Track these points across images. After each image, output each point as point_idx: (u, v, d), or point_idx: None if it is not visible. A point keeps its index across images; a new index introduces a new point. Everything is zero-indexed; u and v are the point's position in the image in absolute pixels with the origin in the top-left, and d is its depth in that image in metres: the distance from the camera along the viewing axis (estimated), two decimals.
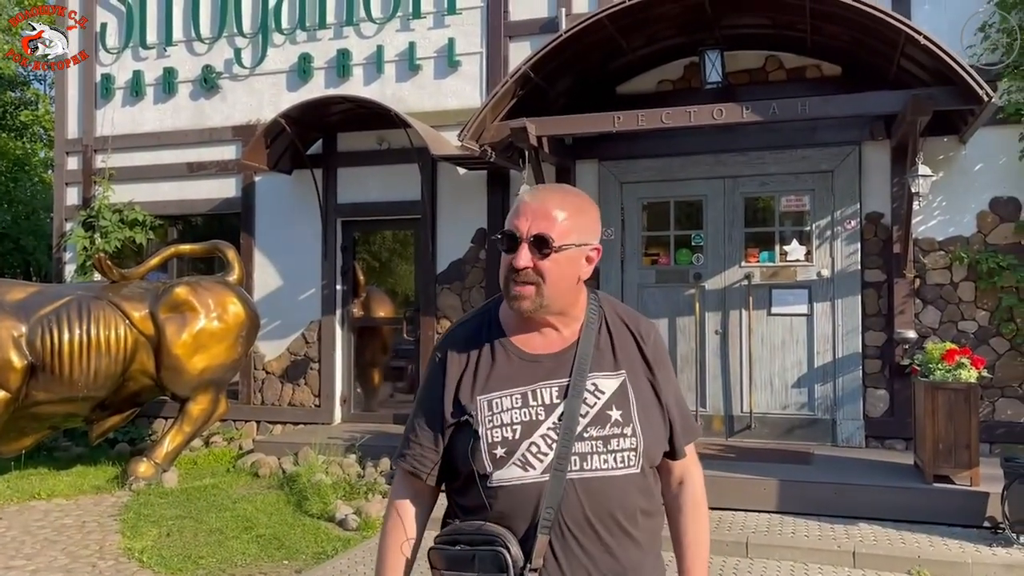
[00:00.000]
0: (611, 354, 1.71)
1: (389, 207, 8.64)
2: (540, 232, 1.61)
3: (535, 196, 1.68)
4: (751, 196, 7.68)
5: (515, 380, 1.67)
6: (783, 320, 7.47)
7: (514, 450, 1.62)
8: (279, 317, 8.87)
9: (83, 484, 7.26)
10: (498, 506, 1.62)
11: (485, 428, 1.64)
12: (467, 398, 1.68)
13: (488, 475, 1.62)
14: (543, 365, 1.68)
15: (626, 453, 1.64)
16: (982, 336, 6.89)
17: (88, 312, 6.88)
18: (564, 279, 1.65)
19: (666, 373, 1.76)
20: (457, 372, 1.71)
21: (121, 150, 9.48)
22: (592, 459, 1.62)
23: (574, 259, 1.66)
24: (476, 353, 1.72)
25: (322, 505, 6.36)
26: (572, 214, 1.65)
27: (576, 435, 1.62)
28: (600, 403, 1.66)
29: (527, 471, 1.61)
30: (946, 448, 5.67)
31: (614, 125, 6.82)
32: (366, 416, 8.79)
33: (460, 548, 1.60)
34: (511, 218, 1.67)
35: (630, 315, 1.79)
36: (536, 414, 1.64)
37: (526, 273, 1.62)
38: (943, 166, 6.93)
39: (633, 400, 1.68)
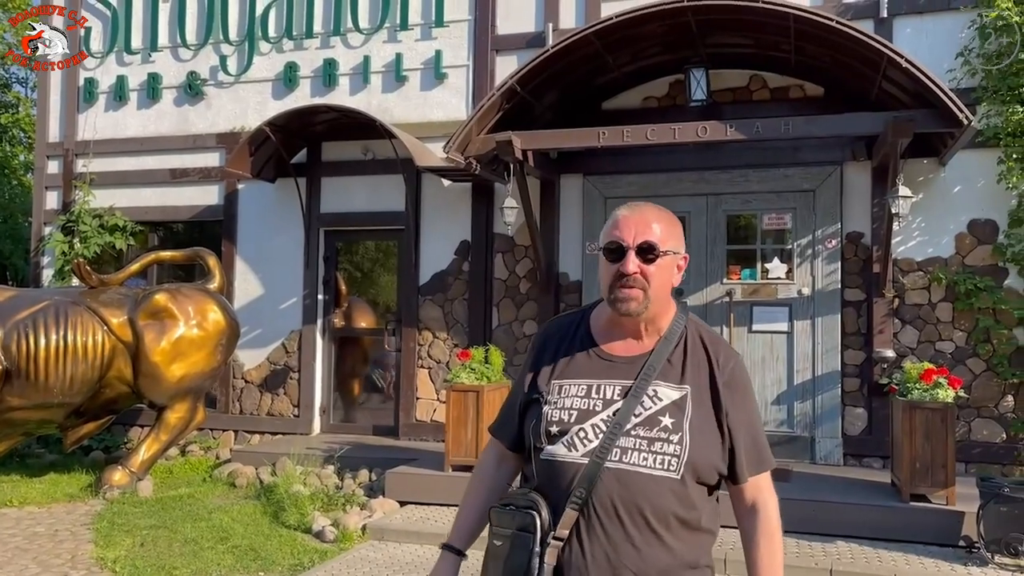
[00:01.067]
0: (680, 369, 1.83)
1: (373, 217, 8.63)
2: (646, 240, 1.80)
3: (633, 210, 1.86)
4: (734, 214, 7.73)
5: (587, 374, 1.85)
6: (764, 337, 7.51)
7: (566, 431, 1.79)
8: (259, 326, 8.82)
9: (56, 492, 7.15)
10: (542, 477, 1.82)
11: (550, 407, 1.83)
12: (544, 381, 1.89)
13: (541, 448, 1.82)
14: (616, 366, 1.85)
15: (667, 457, 1.75)
16: (959, 356, 6.96)
17: (65, 317, 6.80)
18: (664, 284, 1.83)
19: (740, 402, 1.84)
20: (543, 359, 1.93)
21: (103, 155, 9.41)
22: (632, 454, 1.75)
23: (670, 266, 1.84)
24: (563, 346, 1.92)
25: (299, 516, 6.30)
26: (666, 226, 1.85)
27: (624, 431, 1.76)
28: (655, 408, 1.78)
29: (570, 451, 1.78)
30: (923, 467, 5.71)
31: (599, 140, 6.86)
32: (345, 427, 8.74)
33: (508, 508, 1.81)
34: (611, 231, 1.84)
35: (713, 339, 1.90)
36: (594, 405, 1.80)
37: (634, 278, 1.79)
38: (923, 187, 7.02)
39: (689, 414, 1.79)
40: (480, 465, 2.07)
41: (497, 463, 2.04)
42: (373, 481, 7.13)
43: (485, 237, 8.25)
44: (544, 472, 1.81)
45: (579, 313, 2.00)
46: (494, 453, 2.05)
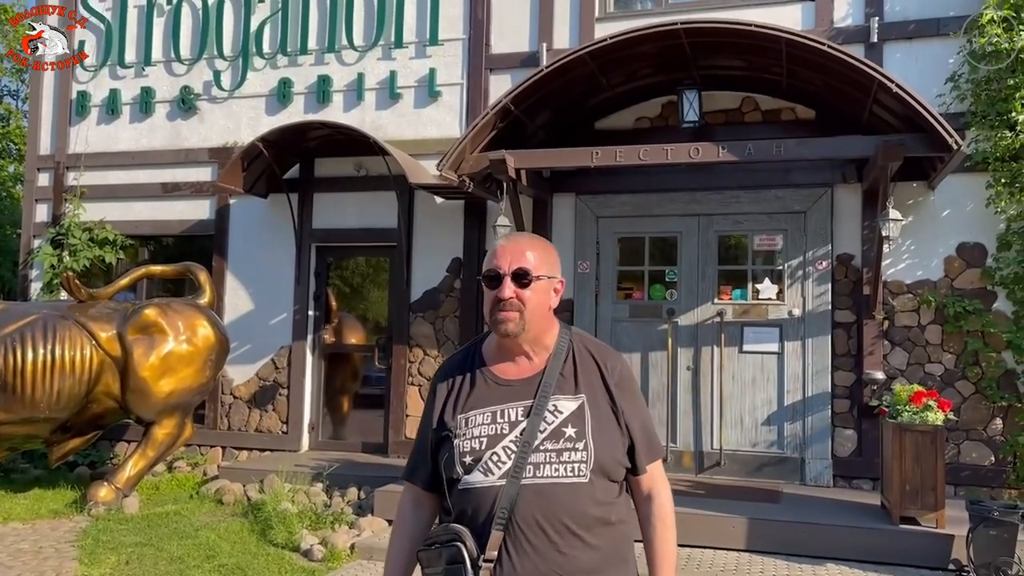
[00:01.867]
0: (574, 381, 1.98)
1: (365, 234, 8.62)
2: (520, 266, 1.95)
3: (510, 240, 2.04)
4: (725, 234, 7.77)
5: (489, 401, 1.97)
6: (754, 358, 7.53)
7: (479, 458, 1.91)
8: (249, 341, 8.77)
9: (41, 508, 7.07)
10: (464, 507, 1.91)
11: (460, 439, 1.94)
12: (450, 416, 1.99)
13: (458, 479, 1.92)
14: (513, 388, 1.98)
15: (576, 464, 1.89)
16: (948, 379, 6.99)
17: (54, 331, 6.75)
18: (540, 305, 1.98)
19: (630, 399, 2.01)
20: (444, 396, 2.04)
21: (94, 168, 9.38)
22: (545, 468, 1.88)
23: (546, 289, 2.00)
24: (460, 380, 2.04)
25: (287, 535, 6.24)
26: (540, 253, 2.02)
27: (533, 448, 1.89)
28: (557, 421, 1.92)
29: (487, 476, 1.89)
30: (913, 490, 5.72)
31: (592, 160, 6.88)
32: (334, 444, 8.68)
33: (434, 547, 1.88)
34: (490, 260, 2.00)
35: (598, 347, 2.07)
36: (501, 429, 1.93)
37: (510, 302, 1.94)
38: (912, 211, 7.07)
39: (589, 420, 1.93)
40: (399, 514, 2.13)
41: (414, 507, 2.11)
42: (362, 499, 7.08)
43: (477, 254, 8.25)
44: (464, 501, 1.90)
45: (470, 347, 2.12)
46: (410, 498, 2.12)
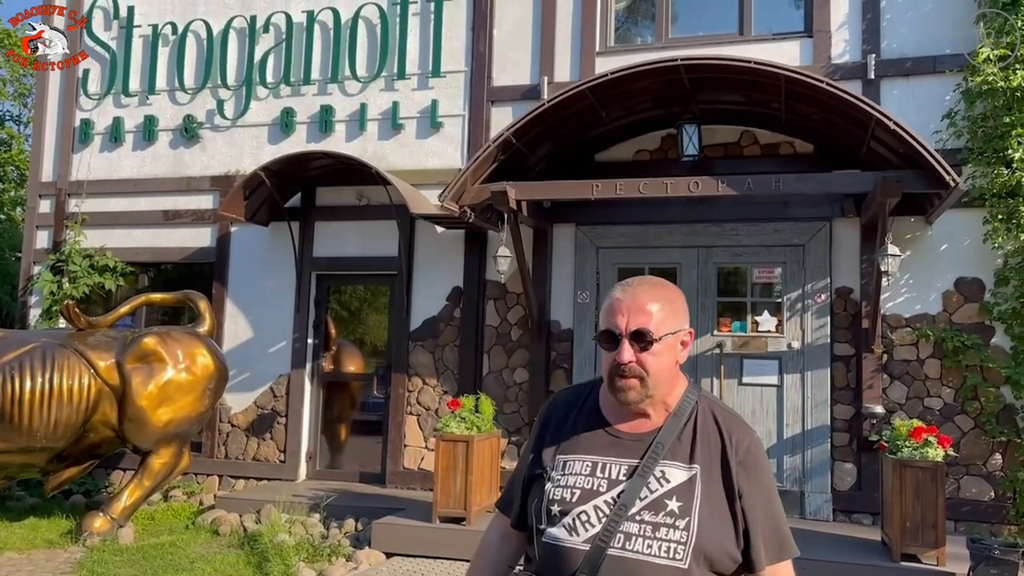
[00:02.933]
0: (690, 448, 1.74)
1: (365, 262, 8.64)
2: (639, 327, 1.72)
3: (627, 292, 1.78)
4: (724, 266, 7.80)
5: (592, 450, 1.78)
6: (753, 390, 7.52)
7: (567, 511, 1.72)
8: (248, 369, 8.76)
9: (36, 538, 7.01)
10: (544, 561, 1.75)
11: (552, 485, 1.77)
12: (549, 456, 1.83)
13: (542, 529, 1.75)
14: (622, 443, 1.78)
15: (673, 545, 1.66)
16: (947, 413, 6.99)
17: (52, 360, 6.74)
18: (665, 369, 1.76)
19: (756, 482, 1.74)
20: (547, 431, 1.87)
21: (96, 195, 9.42)
22: (636, 541, 1.67)
23: (671, 346, 1.77)
24: (569, 418, 1.86)
25: (283, 567, 6.19)
26: (663, 304, 1.76)
27: (628, 515, 1.67)
28: (662, 491, 1.70)
29: (571, 536, 1.70)
30: (913, 527, 5.70)
31: (592, 193, 6.93)
32: (332, 473, 8.64)
33: None
34: (606, 317, 1.77)
35: (725, 417, 1.81)
36: (598, 485, 1.73)
37: (630, 367, 1.72)
38: (910, 245, 7.11)
39: (699, 496, 1.69)
40: (484, 542, 2.02)
41: (500, 540, 1.99)
42: (359, 531, 7.04)
43: (477, 284, 8.27)
44: (545, 556, 1.74)
45: (588, 385, 1.93)
46: (498, 530, 2.00)
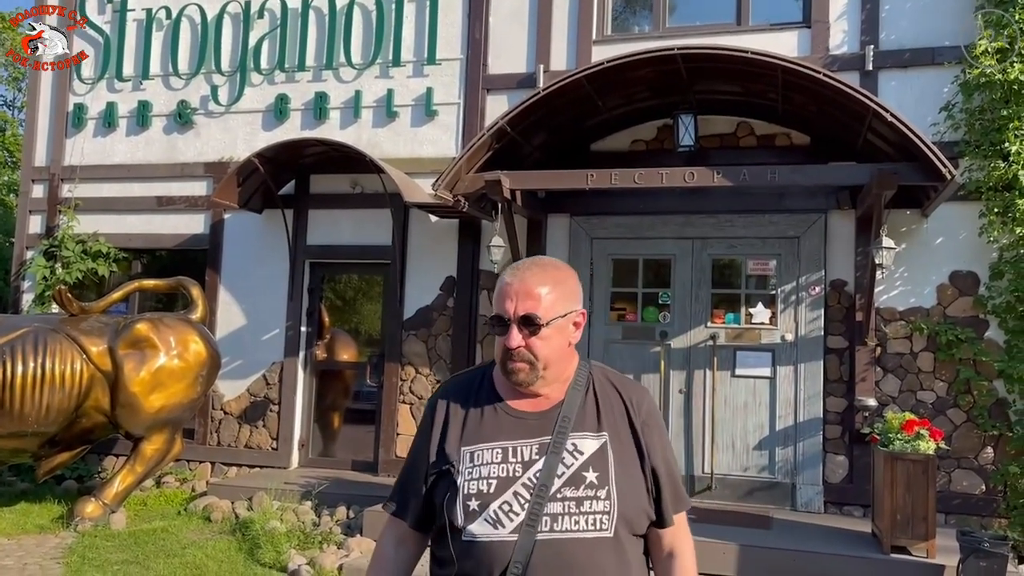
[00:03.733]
0: (595, 416, 1.75)
1: (359, 251, 8.61)
2: (527, 312, 1.71)
3: (515, 276, 1.76)
4: (719, 258, 7.78)
5: (499, 435, 1.74)
6: (746, 382, 7.52)
7: (487, 504, 1.67)
8: (241, 357, 8.74)
9: (26, 523, 7.00)
10: (466, 561, 1.67)
11: (464, 479, 1.70)
12: (452, 449, 1.75)
13: (460, 528, 1.68)
14: (527, 423, 1.75)
15: (598, 516, 1.67)
16: (940, 406, 7.00)
17: (44, 345, 6.72)
18: (555, 350, 1.74)
19: (658, 439, 1.80)
20: (446, 422, 1.79)
21: (89, 180, 9.36)
22: (563, 520, 1.66)
23: (562, 329, 1.75)
24: (467, 406, 1.79)
25: (275, 554, 6.19)
26: (552, 287, 1.74)
27: (550, 495, 1.66)
28: (577, 464, 1.70)
29: (497, 529, 1.66)
30: (904, 519, 5.70)
31: (587, 183, 6.90)
32: (324, 461, 8.64)
33: None
34: (497, 301, 1.76)
35: (621, 381, 1.85)
36: (514, 470, 1.69)
37: (519, 352, 1.71)
38: (906, 238, 7.10)
39: (612, 463, 1.71)
40: (377, 555, 1.87)
41: (396, 546, 1.86)
42: (351, 519, 7.03)
43: (471, 273, 8.25)
44: (469, 554, 1.67)
45: (479, 371, 1.88)
46: (392, 535, 1.87)
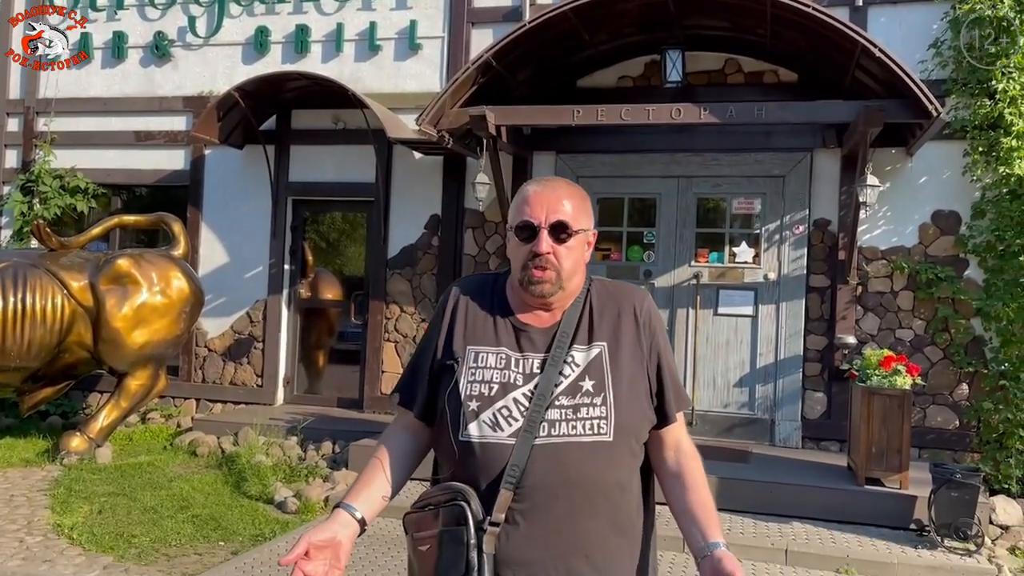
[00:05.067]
0: (594, 328, 1.79)
1: (342, 188, 8.53)
2: (559, 219, 1.74)
3: (543, 186, 1.81)
4: (704, 197, 7.77)
5: (503, 343, 1.78)
6: (729, 320, 7.59)
7: (486, 407, 1.71)
8: (224, 294, 8.70)
9: (12, 456, 7.03)
10: (465, 461, 1.70)
11: (466, 379, 1.74)
12: (458, 345, 1.79)
13: (459, 427, 1.71)
14: (530, 336, 1.79)
15: (595, 421, 1.71)
16: (917, 344, 7.10)
17: (24, 280, 6.65)
18: (576, 263, 1.79)
19: (660, 341, 1.83)
20: (452, 319, 1.83)
21: (65, 114, 9.16)
22: (560, 426, 1.70)
23: (582, 243, 1.80)
24: (476, 308, 1.83)
25: (261, 487, 6.27)
26: (578, 202, 1.80)
27: (548, 403, 1.70)
28: (575, 374, 1.74)
29: (495, 432, 1.70)
30: (879, 452, 5.83)
31: (573, 119, 6.83)
32: (309, 398, 8.69)
33: (427, 509, 1.70)
34: (522, 208, 1.77)
35: (619, 288, 1.89)
36: (514, 378, 1.74)
37: (546, 258, 1.74)
38: (890, 177, 7.11)
39: (608, 372, 1.75)
40: (385, 435, 1.90)
41: (402, 431, 1.88)
42: (336, 453, 7.11)
43: (456, 212, 8.20)
44: (467, 456, 1.70)
45: (491, 277, 1.91)
46: (400, 423, 1.90)
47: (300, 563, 1.62)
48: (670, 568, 4.97)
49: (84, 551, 4.95)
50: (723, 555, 1.69)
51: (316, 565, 1.64)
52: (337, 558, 1.67)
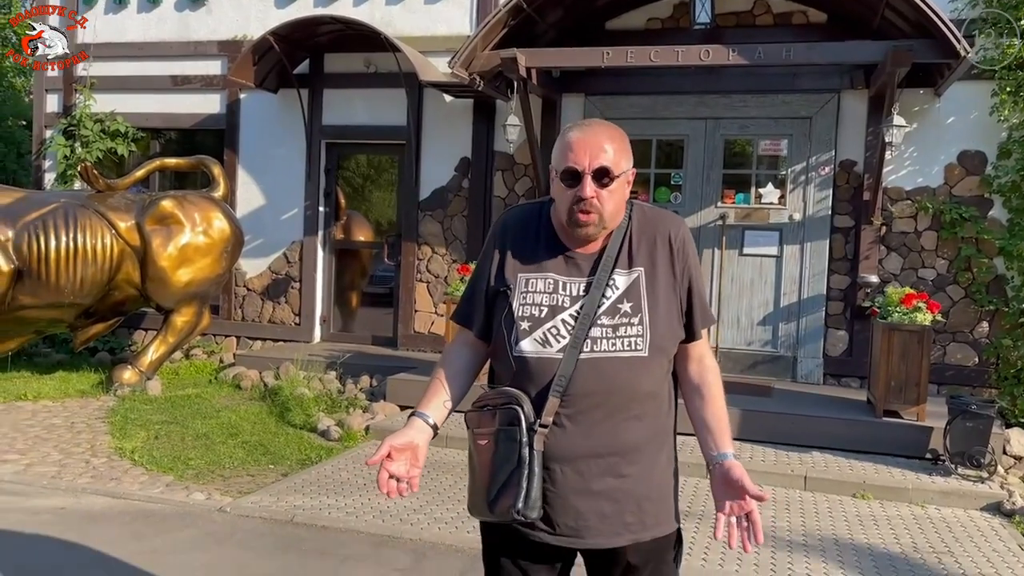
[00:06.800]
0: (633, 253, 1.96)
1: (374, 131, 8.70)
2: (601, 164, 1.86)
3: (585, 131, 1.91)
4: (731, 138, 7.86)
5: (551, 269, 1.95)
6: (753, 261, 7.75)
7: (536, 327, 1.91)
8: (261, 235, 8.97)
9: (68, 388, 7.43)
10: (519, 373, 1.92)
11: (518, 302, 1.93)
12: (511, 273, 1.97)
13: (513, 344, 1.92)
14: (576, 262, 1.96)
15: (632, 339, 1.90)
16: (939, 283, 7.24)
17: (75, 220, 6.94)
18: (617, 204, 1.93)
19: (692, 264, 1.99)
20: (506, 249, 2.00)
21: (103, 59, 9.35)
22: (601, 343, 1.90)
23: (623, 184, 1.93)
24: (525, 237, 2.00)
25: (304, 417, 6.60)
26: (618, 144, 1.91)
27: (591, 323, 1.89)
28: (614, 297, 1.93)
29: (545, 348, 1.90)
30: (897, 385, 6.03)
31: (603, 61, 6.92)
32: (345, 336, 9.00)
33: (485, 409, 1.92)
34: (566, 154, 1.88)
35: (659, 215, 2.04)
36: (561, 301, 1.92)
37: (590, 202, 1.87)
38: (917, 117, 7.16)
39: (645, 295, 1.93)
40: (448, 351, 2.12)
41: (462, 346, 2.10)
42: (374, 387, 7.43)
43: (485, 154, 8.36)
44: (520, 369, 1.91)
45: (536, 206, 2.05)
46: (462, 340, 2.11)
47: (384, 463, 1.89)
48: (695, 491, 5.25)
49: (147, 471, 5.31)
50: (732, 464, 1.93)
51: (398, 465, 1.90)
52: (415, 458, 1.94)
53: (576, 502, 1.91)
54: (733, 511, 1.92)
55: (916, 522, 4.90)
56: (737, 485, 1.89)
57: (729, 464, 1.93)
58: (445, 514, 4.68)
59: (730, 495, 1.92)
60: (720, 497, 1.94)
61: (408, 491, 1.93)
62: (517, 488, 1.84)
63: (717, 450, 1.97)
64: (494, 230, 2.07)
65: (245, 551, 4.13)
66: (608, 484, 1.92)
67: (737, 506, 1.91)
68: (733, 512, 1.92)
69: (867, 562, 4.24)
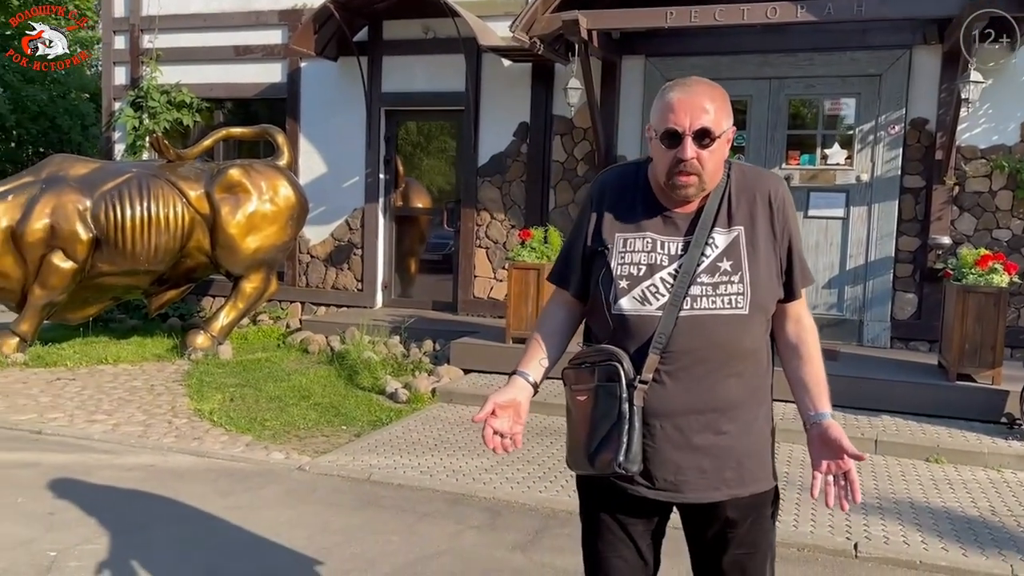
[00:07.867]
0: (732, 212, 1.94)
1: (433, 98, 8.73)
2: (702, 126, 1.84)
3: (685, 92, 1.87)
4: (796, 98, 7.70)
5: (649, 228, 1.96)
6: (819, 223, 7.62)
7: (635, 285, 1.91)
8: (323, 203, 9.11)
9: (144, 352, 7.69)
10: (617, 331, 1.93)
11: (616, 261, 1.94)
12: (608, 232, 1.98)
13: (612, 302, 1.93)
14: (674, 221, 1.96)
15: (733, 296, 1.90)
16: (1015, 244, 7.04)
17: (148, 189, 7.14)
18: (717, 164, 1.91)
19: (792, 224, 1.98)
20: (603, 208, 2.00)
21: (168, 31, 9.53)
22: (702, 300, 1.90)
23: (724, 144, 1.90)
24: (623, 197, 2.00)
25: (372, 380, 6.74)
26: (719, 104, 1.87)
27: (690, 281, 1.89)
28: (714, 255, 1.92)
29: (644, 305, 1.91)
30: (971, 349, 5.91)
31: (667, 20, 6.83)
32: (406, 302, 9.13)
33: (584, 366, 1.94)
34: (666, 114, 1.86)
35: (757, 174, 2.02)
36: (660, 260, 1.93)
37: (691, 163, 1.85)
38: (992, 73, 6.91)
39: (745, 253, 1.92)
40: (546, 311, 2.14)
41: (559, 305, 2.12)
42: (437, 351, 7.54)
43: (544, 119, 8.33)
44: (619, 327, 1.92)
45: (634, 165, 2.05)
46: (558, 300, 2.13)
47: (489, 420, 1.94)
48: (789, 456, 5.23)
49: (226, 431, 5.50)
50: (830, 423, 1.93)
51: (502, 421, 1.95)
52: (518, 415, 1.98)
53: (675, 457, 1.94)
54: (830, 470, 1.92)
55: (992, 486, 4.83)
56: (835, 445, 1.89)
57: (827, 424, 1.93)
58: (516, 474, 4.76)
59: (827, 454, 1.92)
60: (817, 456, 1.94)
61: (512, 447, 1.98)
62: (618, 442, 1.86)
63: (815, 410, 1.97)
64: (591, 191, 2.07)
65: (327, 507, 4.27)
66: (708, 440, 1.94)
67: (835, 464, 1.91)
68: (830, 471, 1.92)
69: (945, 525, 4.21)
